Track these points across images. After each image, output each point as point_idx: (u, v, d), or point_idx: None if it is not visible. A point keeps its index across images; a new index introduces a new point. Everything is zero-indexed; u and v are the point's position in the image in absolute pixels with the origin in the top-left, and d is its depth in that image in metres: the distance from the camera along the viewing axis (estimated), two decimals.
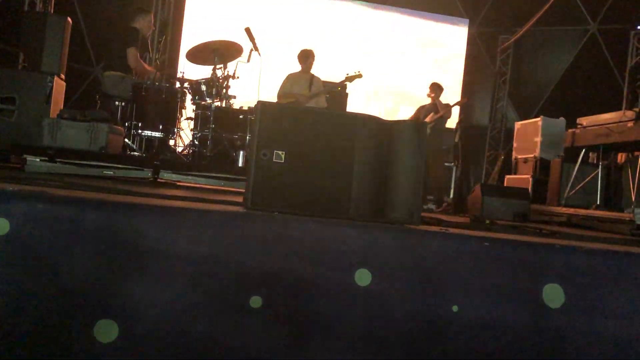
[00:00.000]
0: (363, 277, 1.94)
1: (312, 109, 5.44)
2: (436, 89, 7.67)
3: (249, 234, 1.93)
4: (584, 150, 5.89)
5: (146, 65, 5.76)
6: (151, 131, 5.41)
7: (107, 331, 1.80)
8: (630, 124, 5.08)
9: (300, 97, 6.69)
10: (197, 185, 4.38)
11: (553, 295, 1.98)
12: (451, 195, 8.19)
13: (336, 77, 7.39)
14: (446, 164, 8.19)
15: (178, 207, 2.03)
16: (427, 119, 7.35)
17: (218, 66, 5.83)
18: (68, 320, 1.77)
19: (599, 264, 2.08)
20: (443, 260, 1.97)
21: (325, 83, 7.18)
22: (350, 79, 6.84)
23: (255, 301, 1.88)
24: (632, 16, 9.89)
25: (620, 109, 5.48)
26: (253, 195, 2.11)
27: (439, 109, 7.49)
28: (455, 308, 1.94)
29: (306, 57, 6.98)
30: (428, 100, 7.77)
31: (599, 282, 2.05)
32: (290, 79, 6.98)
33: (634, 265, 2.11)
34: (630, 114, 5.18)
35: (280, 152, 2.12)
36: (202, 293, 1.87)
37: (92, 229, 1.82)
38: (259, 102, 2.15)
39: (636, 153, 5.29)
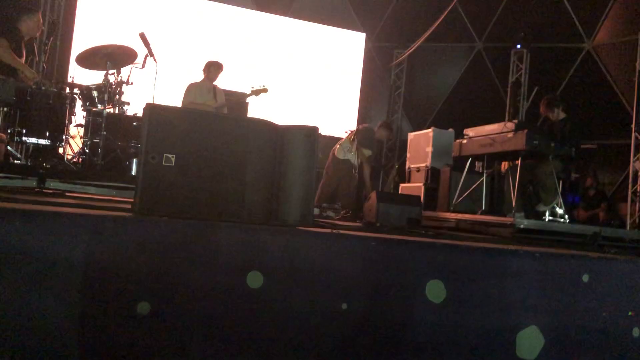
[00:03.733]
0: (255, 280, 1.95)
1: (204, 111, 5.38)
2: (388, 130, 7.89)
3: (136, 239, 1.88)
4: (470, 159, 6.20)
5: (17, 61, 5.33)
6: (37, 138, 5.10)
7: None
8: (510, 135, 5.42)
9: (207, 108, 6.58)
10: (87, 195, 4.19)
11: (435, 290, 2.09)
12: None
13: (235, 87, 7.36)
14: None
15: (61, 212, 1.94)
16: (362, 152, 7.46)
17: (111, 71, 5.62)
18: None
19: (478, 260, 2.22)
20: (332, 259, 2.02)
21: (229, 93, 7.13)
22: (256, 92, 6.81)
23: (143, 307, 1.83)
24: (512, 36, 10.67)
25: (504, 121, 5.84)
26: (141, 200, 2.06)
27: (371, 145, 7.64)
28: (344, 305, 2.00)
29: (212, 67, 6.88)
30: (327, 110, 7.91)
31: (479, 277, 2.19)
32: (194, 88, 6.85)
33: (511, 261, 2.28)
34: (510, 125, 5.53)
35: (170, 156, 2.09)
36: (86, 301, 1.80)
37: None
38: (147, 104, 2.10)
39: (517, 162, 5.65)
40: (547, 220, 5.57)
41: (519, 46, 10.74)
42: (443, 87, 11.63)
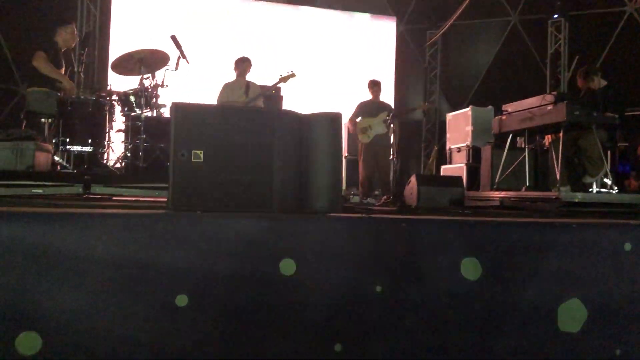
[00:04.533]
0: (288, 267, 1.98)
1: (228, 106, 5.41)
2: (374, 85, 7.73)
3: (171, 234, 1.94)
4: (510, 135, 6.07)
5: (56, 72, 5.55)
6: (80, 146, 5.28)
7: (30, 343, 1.77)
8: (550, 107, 5.28)
9: (237, 105, 6.67)
10: (132, 198, 4.31)
11: (471, 268, 2.07)
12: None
13: (271, 81, 7.41)
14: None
15: (98, 213, 2.01)
16: (380, 118, 7.38)
17: (146, 76, 5.75)
18: None
19: (513, 235, 2.18)
20: (364, 243, 2.03)
21: (261, 87, 7.19)
22: (284, 79, 6.86)
23: (181, 299, 1.89)
24: (548, 6, 10.34)
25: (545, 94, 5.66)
26: (174, 196, 2.11)
27: (382, 106, 7.58)
28: (378, 288, 2.00)
29: (240, 63, 7.00)
30: (362, 98, 7.84)
31: (515, 251, 2.16)
32: (227, 88, 6.97)
33: (547, 234, 2.23)
34: (549, 97, 5.39)
35: (198, 152, 2.14)
36: (126, 297, 1.87)
37: (6, 242, 1.79)
38: (173, 103, 2.16)
39: (559, 134, 5.51)
40: (594, 192, 5.42)
41: (556, 16, 10.41)
42: (480, 65, 11.37)
